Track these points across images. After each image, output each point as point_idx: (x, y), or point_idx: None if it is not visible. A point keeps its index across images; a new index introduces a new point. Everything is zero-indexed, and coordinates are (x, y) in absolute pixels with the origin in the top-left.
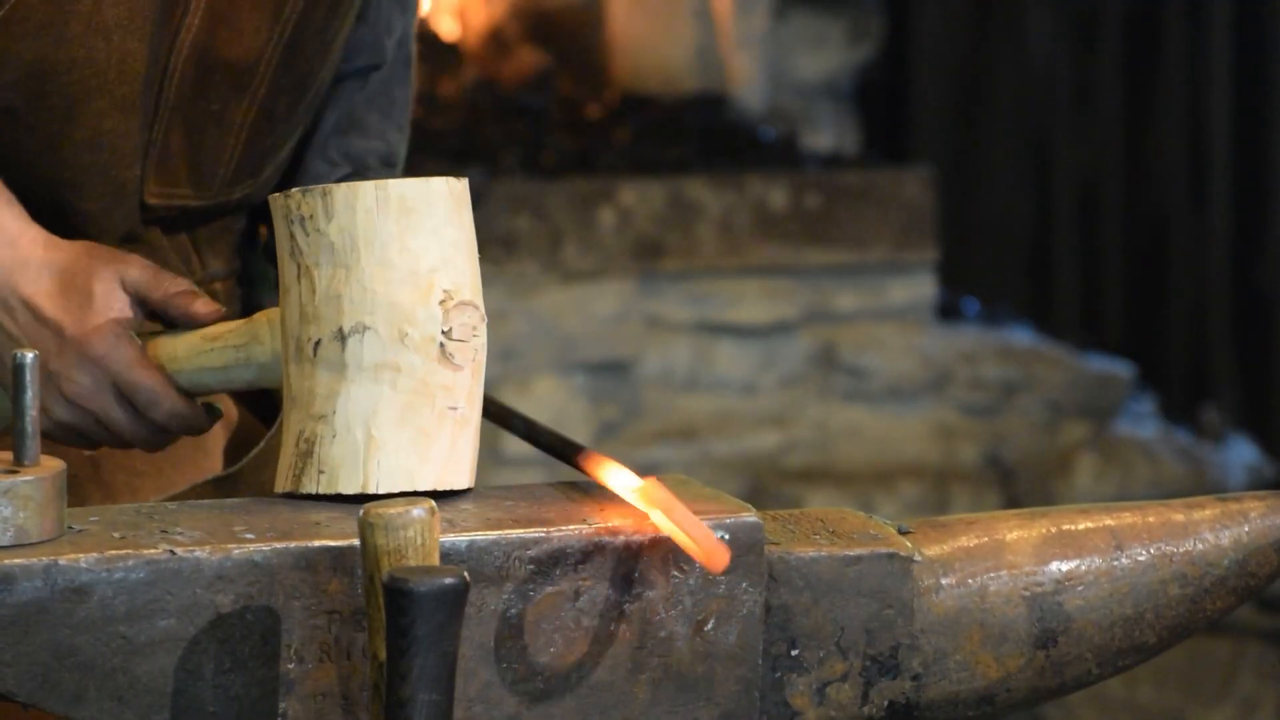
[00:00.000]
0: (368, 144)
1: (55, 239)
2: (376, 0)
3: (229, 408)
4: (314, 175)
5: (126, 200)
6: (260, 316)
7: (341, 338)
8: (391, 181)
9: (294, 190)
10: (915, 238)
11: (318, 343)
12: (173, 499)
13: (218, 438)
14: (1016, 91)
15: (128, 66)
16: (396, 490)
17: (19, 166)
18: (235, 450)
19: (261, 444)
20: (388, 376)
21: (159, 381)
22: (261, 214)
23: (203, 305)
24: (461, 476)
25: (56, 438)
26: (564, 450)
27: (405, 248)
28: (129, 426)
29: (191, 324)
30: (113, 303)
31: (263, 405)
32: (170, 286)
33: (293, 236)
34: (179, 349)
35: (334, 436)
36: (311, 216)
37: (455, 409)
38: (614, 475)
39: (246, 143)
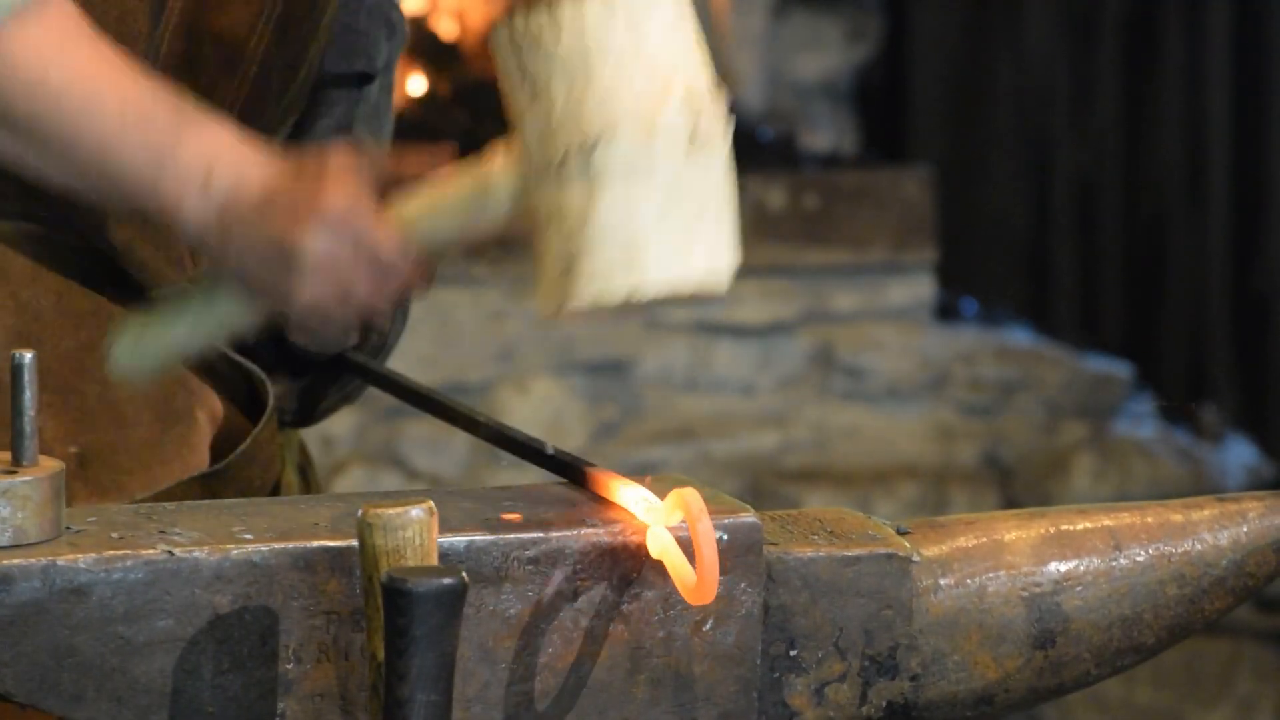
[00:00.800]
0: None
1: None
2: (365, 10)
3: (214, 404)
4: None
5: None
6: (486, 164)
7: (590, 148)
8: None
9: (516, 17)
10: (914, 238)
11: (564, 157)
12: (160, 496)
13: (204, 433)
14: (1015, 92)
15: (127, 26)
16: (668, 285)
17: None
18: (221, 446)
19: (247, 442)
20: (640, 179)
21: (398, 243)
22: None
23: (425, 159)
24: (726, 257)
25: (303, 317)
26: (569, 468)
27: (638, 49)
28: (368, 290)
29: (427, 165)
30: (348, 176)
31: (250, 402)
32: (395, 159)
33: (521, 62)
34: (410, 209)
35: (595, 246)
36: (539, 39)
37: (711, 197)
38: (627, 491)
39: (238, 123)
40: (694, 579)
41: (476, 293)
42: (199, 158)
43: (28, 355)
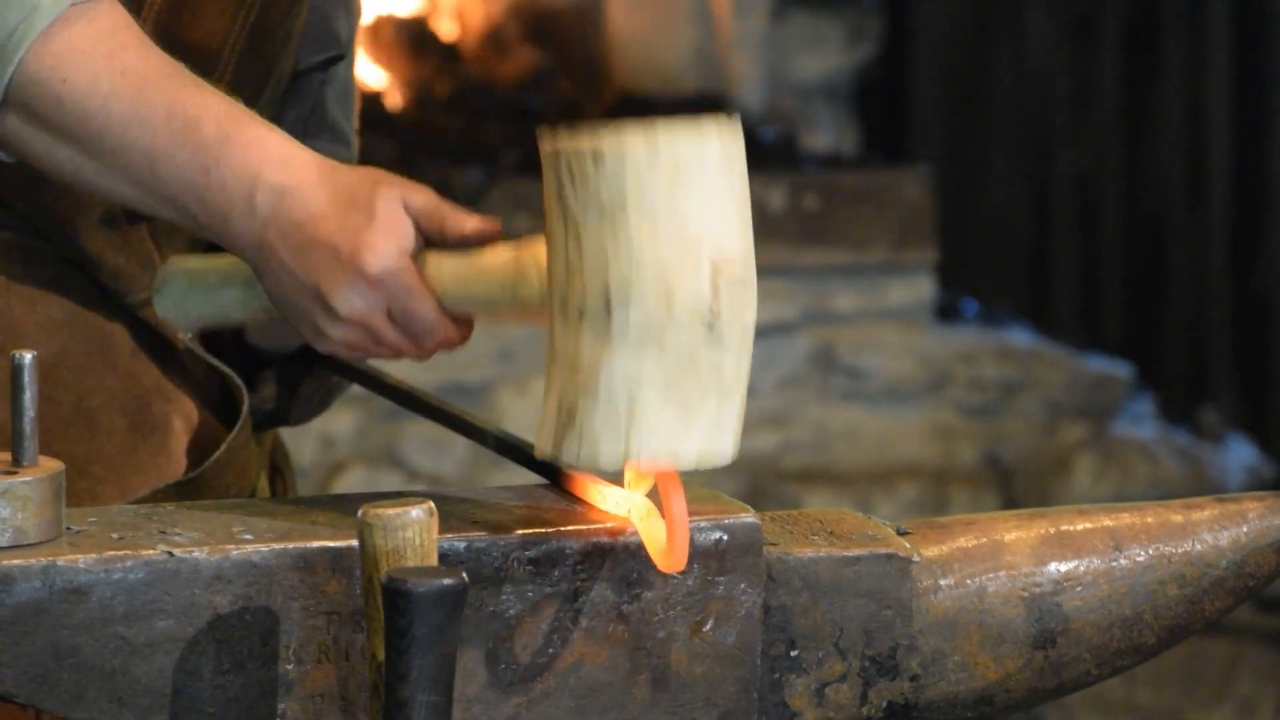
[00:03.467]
0: (336, 149)
1: (332, 163)
2: None
3: (190, 411)
4: None
5: None
6: (527, 253)
7: (607, 303)
8: (663, 136)
9: (564, 139)
10: (914, 238)
11: (583, 304)
12: (135, 504)
13: (180, 440)
14: (1015, 92)
15: None
16: (658, 462)
17: None
18: (196, 452)
19: (222, 448)
20: (653, 349)
21: (435, 311)
22: None
23: (476, 226)
24: (725, 449)
25: (330, 352)
26: (547, 469)
27: (675, 208)
28: (399, 345)
29: (468, 245)
30: (394, 224)
31: (223, 407)
32: (450, 213)
33: (560, 186)
34: (446, 274)
35: (596, 406)
36: (581, 168)
37: (721, 383)
38: (599, 486)
39: None
40: (664, 543)
41: None
42: (244, 170)
43: (28, 355)
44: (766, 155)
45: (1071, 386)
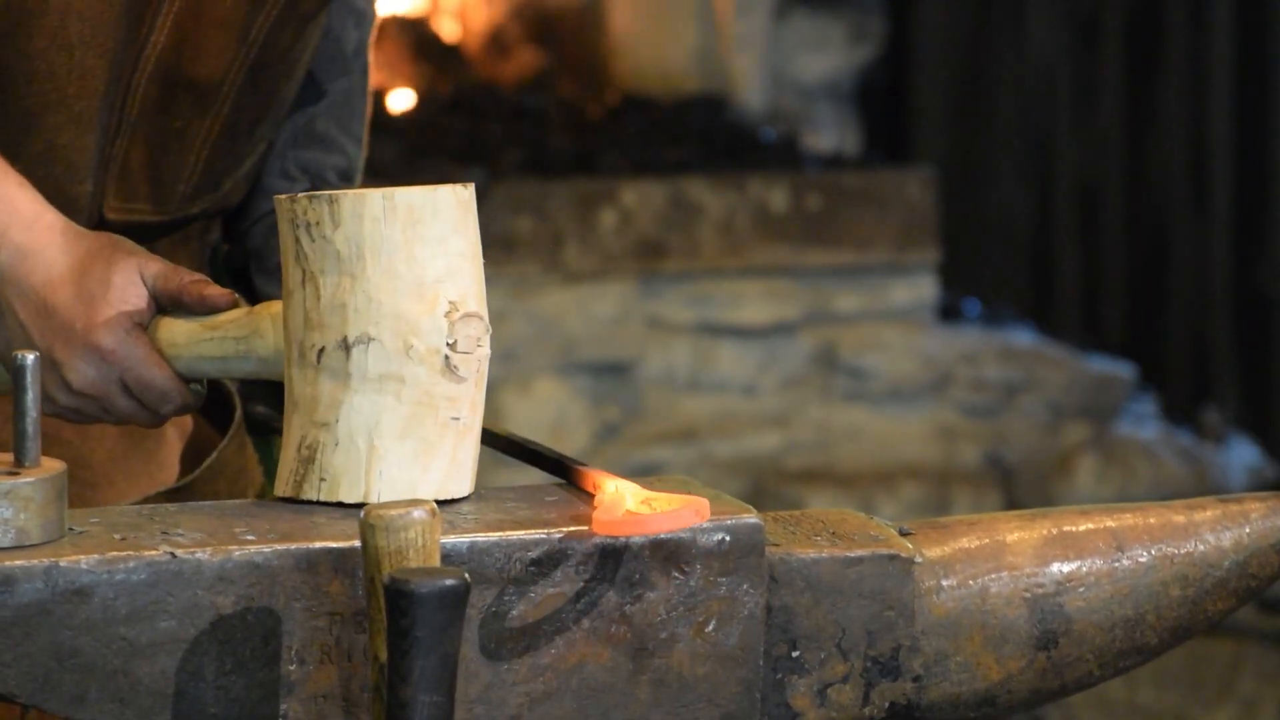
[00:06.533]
0: (326, 158)
1: (75, 227)
2: (331, 10)
3: (184, 418)
4: (270, 190)
5: (78, 216)
6: (262, 310)
7: (346, 347)
8: (399, 191)
9: (300, 195)
10: (916, 238)
11: (321, 350)
12: (136, 504)
13: (173, 447)
14: (1017, 92)
15: (87, 83)
16: (399, 495)
17: None
18: (190, 459)
19: (213, 455)
20: (391, 387)
21: (168, 378)
22: (227, 222)
23: (215, 291)
24: (462, 484)
25: (55, 415)
26: (560, 467)
27: (412, 257)
28: (131, 413)
29: (205, 311)
30: (128, 295)
31: (217, 414)
32: (185, 277)
33: (298, 241)
34: (179, 335)
35: (336, 445)
36: (318, 223)
37: (458, 419)
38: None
39: (208, 159)
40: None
41: None
42: None
43: (30, 356)
44: (768, 155)
45: (1073, 387)
